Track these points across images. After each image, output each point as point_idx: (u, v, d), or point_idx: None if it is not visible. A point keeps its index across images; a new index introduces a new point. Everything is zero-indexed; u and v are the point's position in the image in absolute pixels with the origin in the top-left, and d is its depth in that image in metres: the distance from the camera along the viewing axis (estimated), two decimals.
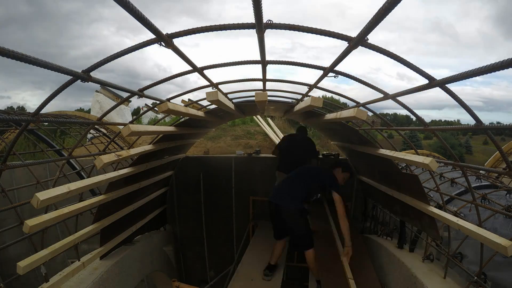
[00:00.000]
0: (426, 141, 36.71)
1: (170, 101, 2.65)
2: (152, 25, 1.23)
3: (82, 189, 2.26)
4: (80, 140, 2.73)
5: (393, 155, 2.68)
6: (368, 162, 4.22)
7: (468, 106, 1.66)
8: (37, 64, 1.11)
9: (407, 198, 3.12)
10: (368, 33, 1.25)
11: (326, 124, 4.21)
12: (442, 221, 2.55)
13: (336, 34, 1.41)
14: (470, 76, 1.19)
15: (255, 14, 1.18)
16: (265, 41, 1.58)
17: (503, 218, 3.34)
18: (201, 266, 6.37)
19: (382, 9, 1.03)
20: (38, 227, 2.07)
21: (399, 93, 1.97)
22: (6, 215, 4.83)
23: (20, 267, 2.08)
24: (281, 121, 12.35)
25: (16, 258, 2.36)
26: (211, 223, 6.10)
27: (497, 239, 1.91)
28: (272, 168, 5.81)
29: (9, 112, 4.20)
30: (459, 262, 2.89)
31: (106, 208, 3.17)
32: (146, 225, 4.47)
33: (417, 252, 3.37)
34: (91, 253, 3.13)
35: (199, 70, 2.09)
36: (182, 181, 5.85)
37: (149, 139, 6.17)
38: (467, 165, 2.64)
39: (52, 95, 1.61)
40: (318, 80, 2.36)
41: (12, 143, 1.97)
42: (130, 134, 2.12)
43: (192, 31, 1.45)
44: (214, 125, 6.44)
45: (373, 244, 4.30)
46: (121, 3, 1.00)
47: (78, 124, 5.88)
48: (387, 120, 2.97)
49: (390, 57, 1.50)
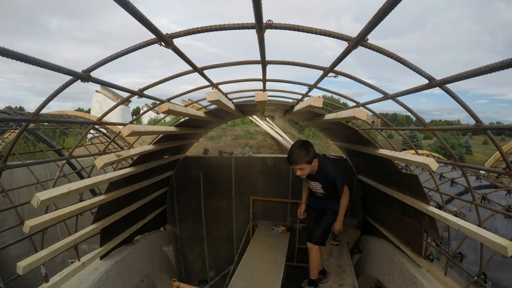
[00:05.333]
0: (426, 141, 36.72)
1: (170, 101, 2.65)
2: (152, 25, 1.23)
3: (82, 189, 2.26)
4: (80, 140, 2.72)
5: (393, 155, 2.68)
6: (368, 162, 4.22)
7: (468, 106, 1.66)
8: (37, 64, 1.11)
9: (407, 198, 3.13)
10: (368, 33, 1.25)
11: (326, 124, 4.21)
12: (442, 221, 2.55)
13: (336, 34, 1.41)
14: (471, 76, 1.19)
15: (255, 14, 1.18)
16: (265, 41, 1.58)
17: (503, 218, 3.35)
18: (201, 266, 6.37)
19: (382, 9, 1.03)
20: (38, 227, 2.07)
21: (399, 93, 1.97)
22: (6, 215, 4.85)
23: (20, 267, 2.08)
24: (281, 121, 12.35)
25: (16, 258, 2.37)
26: (211, 223, 6.10)
27: (497, 239, 1.91)
28: (272, 168, 5.83)
29: (9, 112, 4.20)
30: (459, 262, 2.90)
31: (106, 208, 3.17)
32: (146, 225, 4.47)
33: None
34: (91, 253, 3.13)
35: (199, 70, 2.09)
36: (182, 181, 5.85)
37: (149, 139, 6.17)
38: (467, 165, 2.63)
39: (52, 95, 1.61)
40: (318, 80, 2.36)
41: (12, 143, 1.97)
42: (130, 134, 2.12)
43: (192, 31, 1.45)
44: (214, 125, 6.44)
45: (373, 244, 4.30)
46: (121, 3, 1.00)
47: (78, 124, 5.88)
48: (387, 120, 2.97)
49: (390, 57, 1.50)
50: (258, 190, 5.89)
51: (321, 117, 3.52)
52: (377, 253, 4.08)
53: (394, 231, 3.74)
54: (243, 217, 6.01)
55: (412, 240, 3.22)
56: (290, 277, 5.89)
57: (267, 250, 4.57)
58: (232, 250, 6.16)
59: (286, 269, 5.51)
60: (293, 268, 5.75)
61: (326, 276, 3.97)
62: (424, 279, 2.79)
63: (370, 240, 4.46)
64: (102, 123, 2.56)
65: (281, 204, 5.90)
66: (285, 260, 4.35)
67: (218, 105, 2.41)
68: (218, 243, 6.23)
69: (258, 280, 3.74)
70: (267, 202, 5.92)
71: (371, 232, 4.69)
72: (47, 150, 4.37)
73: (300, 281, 3.93)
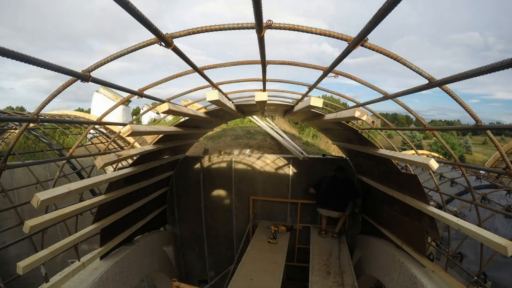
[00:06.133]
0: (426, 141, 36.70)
1: (170, 101, 2.66)
2: (152, 25, 1.23)
3: (82, 189, 2.26)
4: (80, 140, 2.72)
5: (393, 155, 2.68)
6: (368, 162, 4.22)
7: (468, 106, 1.66)
8: (37, 64, 1.11)
9: (407, 198, 3.13)
10: (368, 33, 1.25)
11: (326, 124, 4.21)
12: (442, 221, 2.55)
13: (336, 34, 1.41)
14: (470, 76, 1.19)
15: (255, 15, 1.18)
16: (265, 41, 1.58)
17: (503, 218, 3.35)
18: (201, 266, 6.36)
19: (382, 9, 1.03)
20: (38, 227, 2.07)
21: (399, 93, 1.97)
22: (6, 215, 4.84)
23: (20, 267, 2.08)
24: (280, 121, 12.34)
25: (16, 258, 2.37)
26: (211, 223, 6.10)
27: (497, 239, 1.91)
28: (272, 168, 5.83)
29: (9, 112, 4.20)
30: (459, 262, 2.90)
31: (106, 208, 3.17)
32: (146, 225, 4.47)
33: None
34: (91, 253, 3.13)
35: (199, 70, 2.09)
36: (182, 181, 5.85)
37: (149, 139, 6.17)
38: (467, 165, 2.64)
39: (52, 95, 1.61)
40: (318, 80, 2.36)
41: (12, 143, 1.97)
42: (130, 134, 2.12)
43: (192, 31, 1.45)
44: (214, 125, 6.44)
45: (373, 244, 4.30)
46: (121, 3, 1.00)
47: (78, 124, 5.88)
48: (387, 120, 2.97)
49: (390, 57, 1.50)
50: (258, 190, 5.89)
51: (321, 117, 3.52)
52: (377, 253, 4.08)
53: (395, 231, 3.74)
54: (243, 217, 6.01)
55: (414, 240, 3.21)
56: (290, 277, 5.89)
57: (267, 250, 4.57)
58: (232, 250, 6.15)
59: (286, 269, 5.51)
60: (293, 268, 5.75)
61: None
62: (424, 278, 2.79)
63: (370, 240, 4.45)
64: (102, 123, 2.56)
65: (281, 204, 5.90)
66: (285, 260, 4.35)
67: (218, 105, 2.41)
68: (218, 243, 6.23)
69: (258, 280, 3.74)
70: (267, 202, 5.92)
71: (371, 232, 4.69)
72: (47, 150, 4.37)
73: (300, 281, 3.93)
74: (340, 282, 3.70)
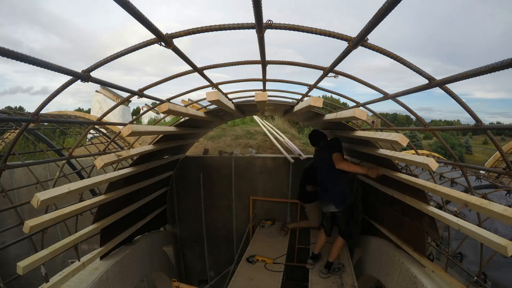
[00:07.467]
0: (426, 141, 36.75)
1: (170, 101, 2.66)
2: (152, 25, 1.23)
3: (82, 189, 2.26)
4: (80, 140, 2.73)
5: (393, 155, 2.68)
6: (368, 162, 4.22)
7: (468, 106, 1.66)
8: (37, 64, 1.11)
9: (407, 198, 3.13)
10: (368, 33, 1.25)
11: (326, 124, 4.20)
12: (442, 221, 2.55)
13: (336, 34, 1.41)
14: (471, 76, 1.19)
15: (255, 14, 1.18)
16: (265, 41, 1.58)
17: None
18: (201, 266, 6.36)
19: (382, 9, 1.03)
20: (38, 227, 2.06)
21: (399, 93, 1.97)
22: (6, 215, 4.85)
23: (20, 267, 2.08)
24: (280, 121, 12.34)
25: (16, 258, 2.36)
26: (211, 223, 6.10)
27: (497, 239, 1.91)
28: (272, 168, 5.83)
29: (9, 112, 4.20)
30: (459, 262, 2.90)
31: (106, 208, 3.17)
32: (146, 225, 4.47)
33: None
34: (91, 253, 3.13)
35: (199, 70, 2.09)
36: (182, 181, 5.85)
37: (149, 139, 6.17)
38: (467, 165, 2.63)
39: (52, 95, 1.61)
40: (318, 80, 2.36)
41: (12, 143, 1.97)
42: (130, 134, 2.12)
43: (192, 31, 1.45)
44: (214, 125, 6.44)
45: (373, 244, 4.30)
46: (121, 3, 1.00)
47: (78, 124, 5.88)
48: (387, 120, 2.97)
49: (390, 57, 1.50)
50: (258, 190, 5.89)
51: (321, 117, 3.52)
52: (377, 253, 4.08)
53: (395, 231, 3.74)
54: (243, 217, 6.01)
55: (414, 240, 3.21)
56: (290, 277, 5.89)
57: (267, 250, 4.57)
58: (232, 250, 6.15)
59: (286, 269, 5.51)
60: (293, 268, 5.75)
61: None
62: (424, 278, 2.79)
63: (370, 240, 4.45)
64: (102, 123, 2.56)
65: (281, 204, 5.90)
66: (285, 260, 4.35)
67: (218, 105, 2.41)
68: (218, 243, 6.23)
69: (258, 280, 3.74)
70: (267, 202, 5.92)
71: (371, 232, 4.69)
72: (47, 150, 4.37)
73: (300, 281, 3.93)
74: (340, 282, 3.70)
